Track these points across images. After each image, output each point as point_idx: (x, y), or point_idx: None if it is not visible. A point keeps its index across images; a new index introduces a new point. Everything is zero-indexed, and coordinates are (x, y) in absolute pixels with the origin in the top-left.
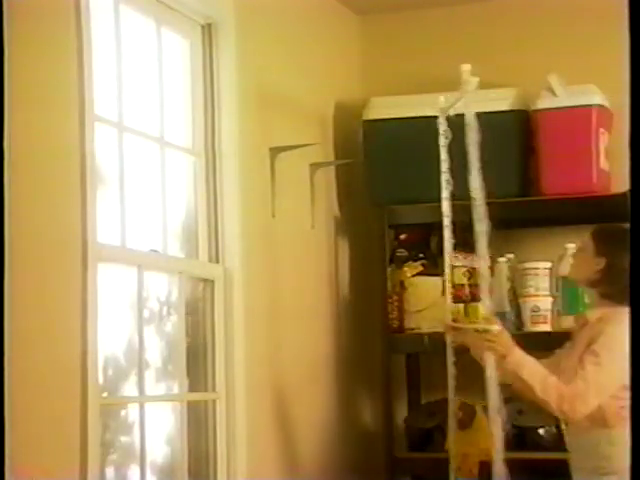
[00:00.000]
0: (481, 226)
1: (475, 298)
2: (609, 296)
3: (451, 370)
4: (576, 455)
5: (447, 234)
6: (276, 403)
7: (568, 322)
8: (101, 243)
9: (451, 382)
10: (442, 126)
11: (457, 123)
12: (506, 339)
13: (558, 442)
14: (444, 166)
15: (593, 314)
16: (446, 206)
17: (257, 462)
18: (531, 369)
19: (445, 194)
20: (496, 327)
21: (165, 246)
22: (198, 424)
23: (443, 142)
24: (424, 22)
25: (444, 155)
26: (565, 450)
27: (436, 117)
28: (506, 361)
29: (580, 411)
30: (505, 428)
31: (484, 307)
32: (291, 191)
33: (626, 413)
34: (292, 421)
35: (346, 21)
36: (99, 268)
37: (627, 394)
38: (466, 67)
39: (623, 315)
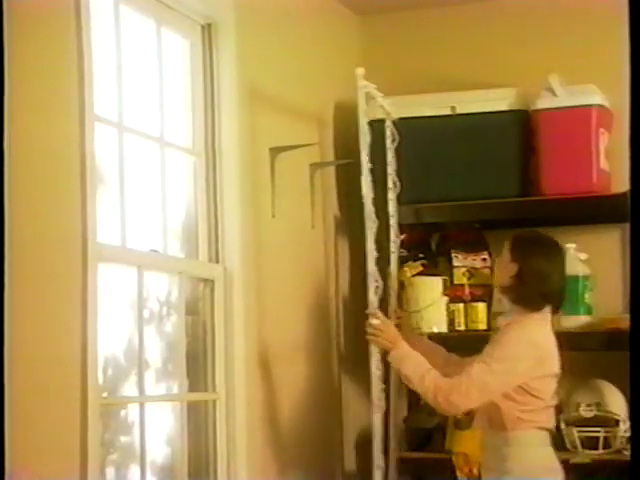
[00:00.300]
0: (371, 224)
1: (475, 298)
2: (520, 301)
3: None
4: (483, 455)
5: (393, 235)
6: (275, 403)
7: (568, 322)
8: (101, 243)
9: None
10: (389, 129)
11: (460, 123)
12: (392, 334)
13: (558, 442)
14: (390, 168)
15: (503, 320)
16: (392, 207)
17: (257, 462)
18: (412, 363)
19: (391, 195)
20: (375, 321)
21: (165, 246)
22: (198, 424)
23: (390, 145)
24: (424, 22)
25: (390, 157)
26: (565, 450)
27: (436, 117)
28: (390, 355)
29: (457, 404)
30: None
31: (371, 304)
32: (291, 191)
33: (526, 417)
34: (292, 421)
35: (346, 21)
36: (99, 268)
37: (528, 399)
38: (360, 71)
39: (529, 320)
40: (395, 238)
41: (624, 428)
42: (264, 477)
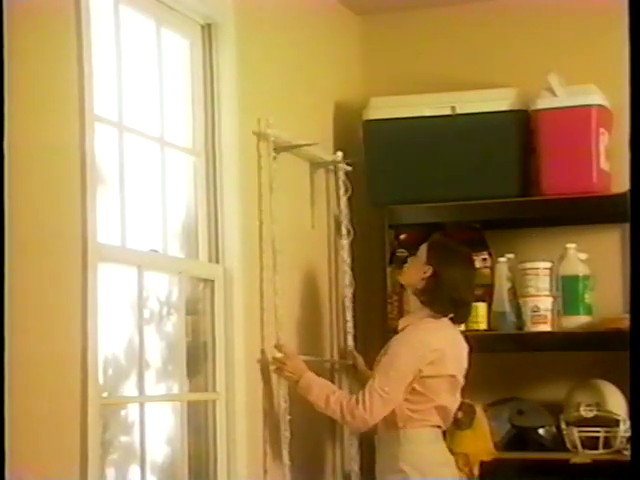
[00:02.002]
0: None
1: (475, 298)
2: (429, 304)
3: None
4: (377, 453)
5: (347, 280)
6: (275, 403)
7: (568, 322)
8: (101, 243)
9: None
10: (341, 179)
11: (460, 123)
12: (297, 365)
13: (558, 442)
14: (343, 216)
15: (403, 322)
16: (346, 254)
17: (257, 462)
18: (317, 389)
19: (344, 242)
20: (279, 355)
21: (165, 246)
22: (198, 424)
23: (343, 195)
24: (424, 22)
25: (343, 206)
26: (566, 450)
27: (436, 117)
28: (298, 386)
29: (363, 418)
30: None
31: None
32: (291, 191)
33: (417, 415)
34: (292, 421)
35: (346, 21)
36: (99, 268)
37: (419, 399)
38: (271, 119)
39: (426, 324)
40: (350, 283)
41: (624, 428)
42: (264, 477)
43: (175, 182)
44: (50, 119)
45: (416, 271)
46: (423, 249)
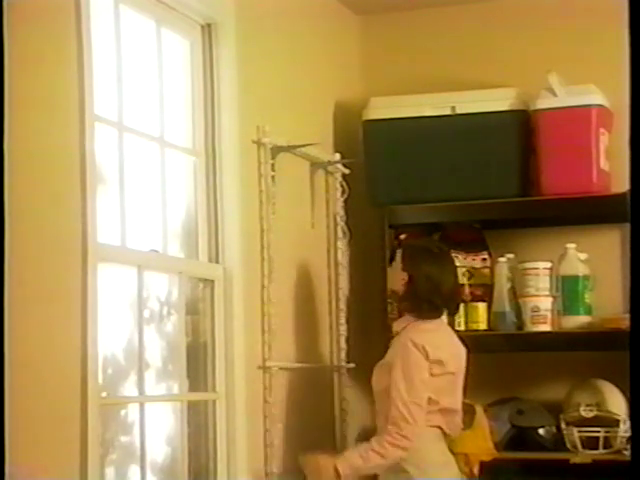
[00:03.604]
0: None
1: (475, 298)
2: (409, 310)
3: None
4: None
5: (342, 282)
6: (275, 402)
7: (568, 322)
8: (101, 243)
9: None
10: (338, 181)
11: (460, 123)
12: (327, 466)
13: (558, 442)
14: (339, 218)
15: (398, 325)
16: (341, 255)
17: (257, 462)
18: (359, 461)
19: (340, 244)
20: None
21: (165, 246)
22: (198, 424)
23: (339, 196)
24: (424, 22)
25: (340, 208)
26: (566, 450)
27: (436, 117)
28: (344, 476)
29: (412, 431)
30: None
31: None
32: (291, 191)
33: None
34: (292, 421)
35: (346, 21)
36: (99, 268)
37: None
38: (267, 127)
39: (420, 326)
40: (346, 286)
41: (624, 428)
42: (264, 477)
43: (175, 182)
44: (50, 119)
45: (396, 277)
46: (399, 255)
